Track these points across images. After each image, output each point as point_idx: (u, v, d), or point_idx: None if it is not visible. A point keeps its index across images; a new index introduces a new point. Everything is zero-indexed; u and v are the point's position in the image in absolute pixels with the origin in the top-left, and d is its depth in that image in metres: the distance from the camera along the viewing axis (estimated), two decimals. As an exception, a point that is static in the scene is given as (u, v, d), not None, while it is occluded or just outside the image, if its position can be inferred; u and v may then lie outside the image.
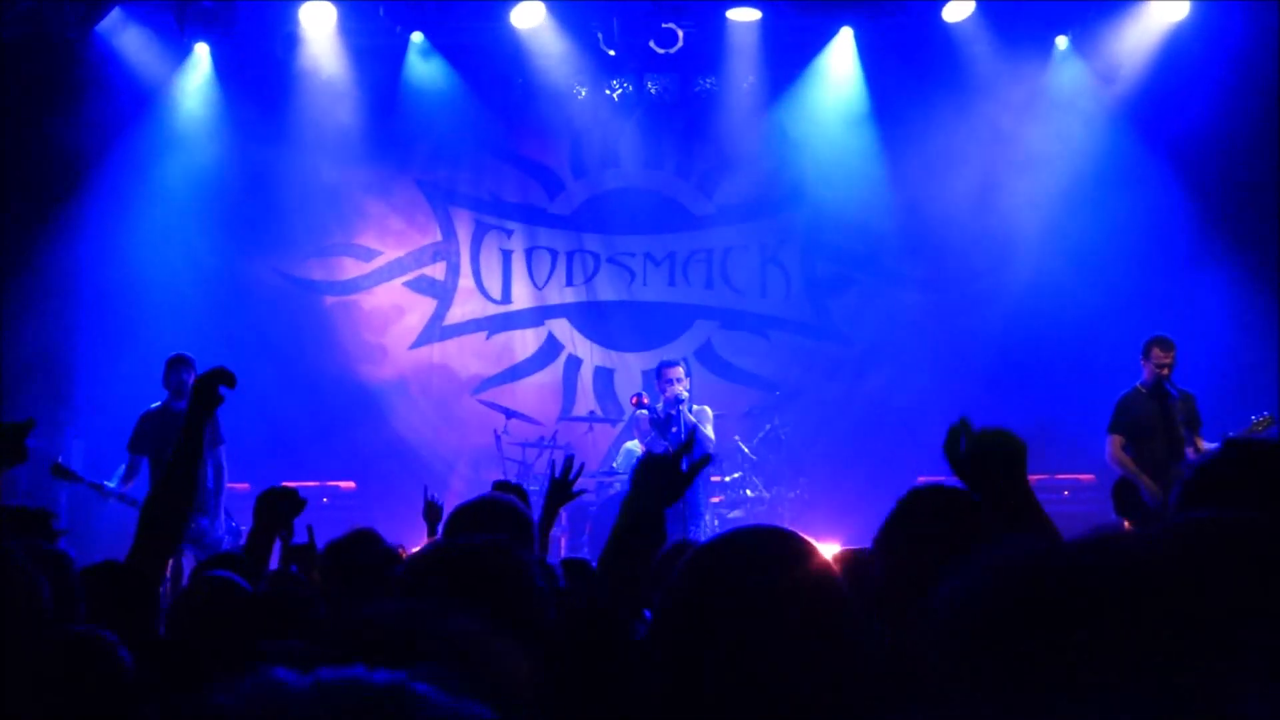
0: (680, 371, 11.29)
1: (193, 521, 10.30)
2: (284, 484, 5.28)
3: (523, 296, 14.70)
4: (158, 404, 10.73)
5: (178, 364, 10.65)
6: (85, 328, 13.24)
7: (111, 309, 13.27)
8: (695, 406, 11.42)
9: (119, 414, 11.29)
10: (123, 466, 10.48)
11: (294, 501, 5.15)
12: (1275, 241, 13.10)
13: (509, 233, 14.72)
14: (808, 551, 2.19)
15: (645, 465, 3.35)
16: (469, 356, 14.57)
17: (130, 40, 13.32)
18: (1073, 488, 12.78)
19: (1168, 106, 13.35)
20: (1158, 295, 13.09)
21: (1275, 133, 13.05)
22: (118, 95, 13.43)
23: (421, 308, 14.63)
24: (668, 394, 11.19)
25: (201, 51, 13.78)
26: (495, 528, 4.15)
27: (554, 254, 14.74)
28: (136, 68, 13.45)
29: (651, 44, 13.73)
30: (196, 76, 13.84)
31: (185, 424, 4.20)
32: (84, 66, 13.07)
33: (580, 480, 12.67)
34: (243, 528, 10.73)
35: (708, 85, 14.43)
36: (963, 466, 3.06)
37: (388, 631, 1.75)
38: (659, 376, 11.44)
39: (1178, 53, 13.19)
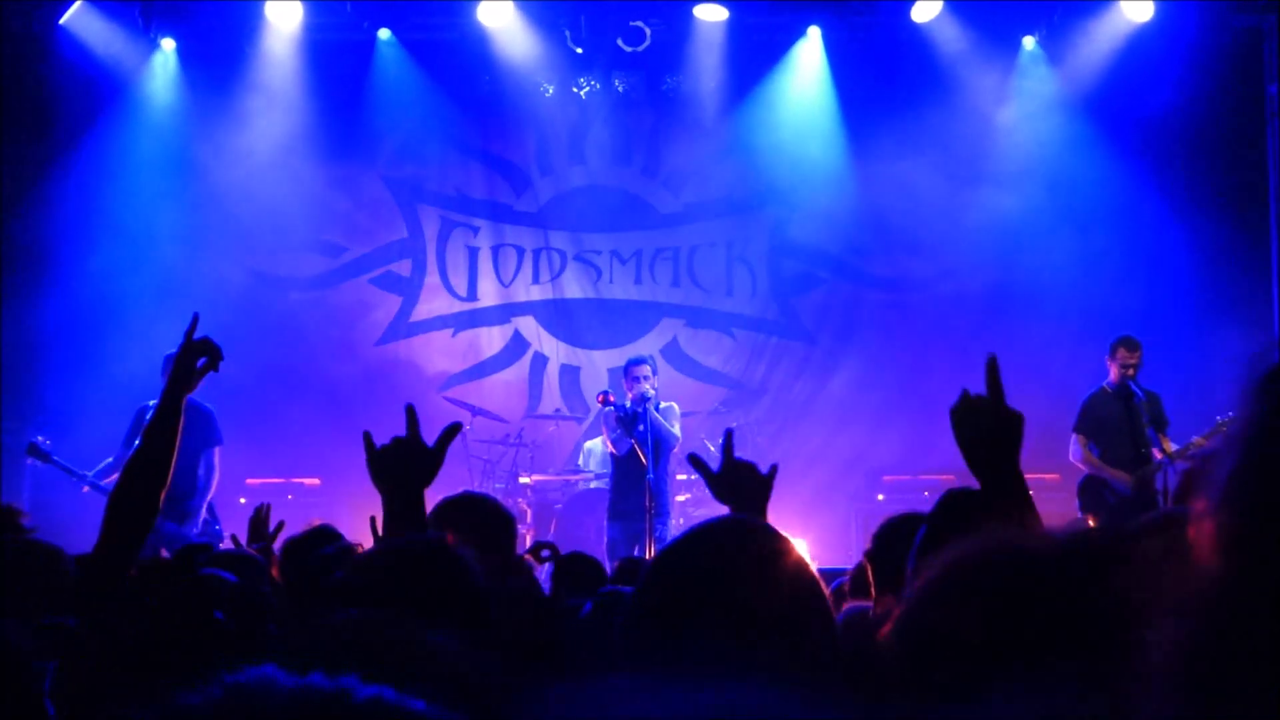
0: (648, 369, 11.27)
1: (162, 526, 10.21)
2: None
3: (489, 294, 14.67)
4: (155, 401, 10.63)
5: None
6: (53, 323, 13.11)
7: (78, 304, 13.16)
8: (663, 403, 11.40)
9: (87, 410, 11.24)
10: (109, 459, 10.39)
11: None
12: (1244, 241, 13.19)
13: (475, 230, 14.69)
14: (779, 541, 2.19)
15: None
16: (435, 353, 14.52)
17: (95, 34, 13.22)
18: (1037, 487, 12.76)
19: (1135, 106, 13.40)
20: (1124, 295, 13.15)
21: (1242, 131, 13.16)
22: (83, 89, 13.34)
23: (387, 304, 14.59)
24: (634, 391, 11.17)
25: (167, 46, 13.69)
26: (477, 524, 4.15)
27: (520, 251, 14.71)
28: (102, 62, 13.34)
29: (619, 42, 13.73)
30: (162, 71, 13.75)
31: (163, 399, 3.97)
32: (48, 60, 12.98)
33: (546, 479, 12.66)
34: (224, 530, 10.61)
35: (675, 84, 14.42)
36: (971, 438, 3.05)
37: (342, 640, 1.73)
38: (626, 374, 11.42)
39: (1143, 52, 13.23)
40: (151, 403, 10.60)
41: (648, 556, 10.33)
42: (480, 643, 2.53)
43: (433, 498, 4.65)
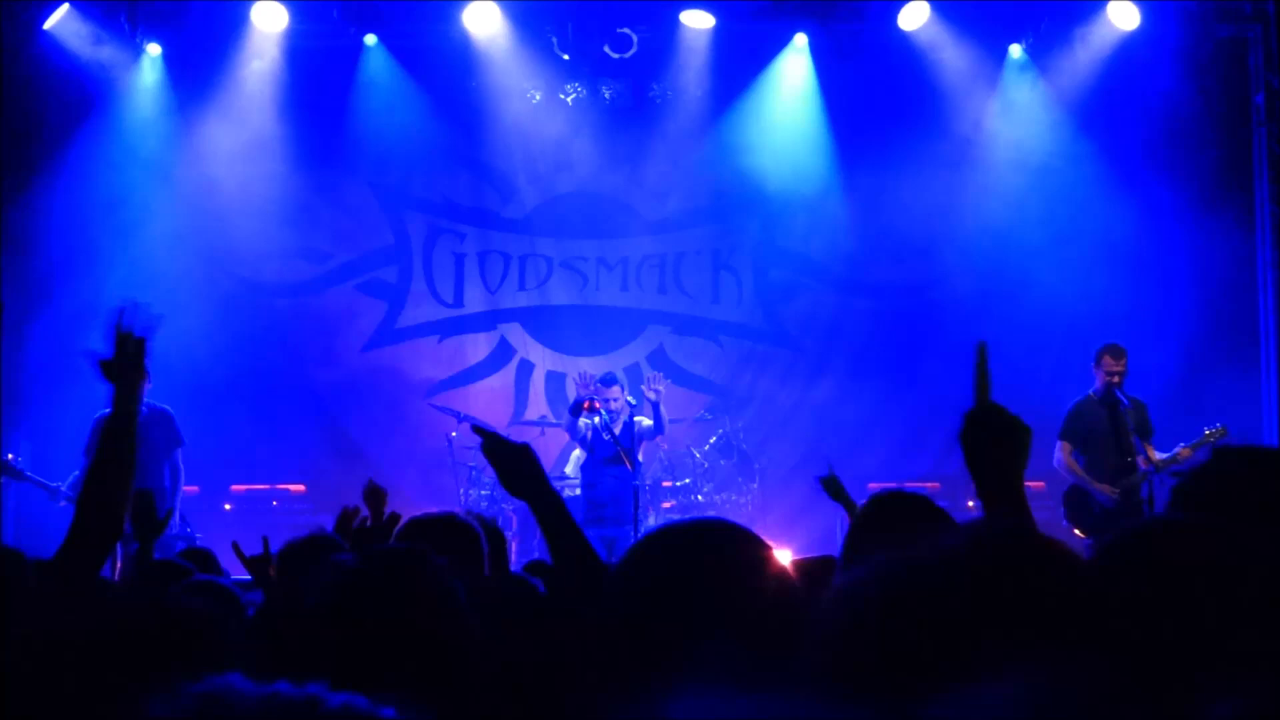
0: (617, 391, 11.52)
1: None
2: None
3: (475, 300, 14.65)
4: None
5: None
6: (38, 328, 13.05)
7: (64, 310, 13.09)
8: (636, 418, 11.57)
9: (72, 416, 11.19)
10: (76, 472, 10.37)
11: None
12: (1231, 249, 13.20)
13: (462, 236, 14.67)
14: (748, 539, 2.17)
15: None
16: (421, 360, 14.50)
17: (80, 39, 13.15)
18: (1023, 494, 12.85)
19: (1121, 114, 13.41)
20: (1110, 302, 13.15)
21: (1229, 139, 13.18)
22: (67, 95, 13.28)
23: (373, 311, 14.56)
24: (610, 409, 11.38)
25: (153, 51, 13.63)
26: (447, 542, 4.13)
27: (507, 258, 14.69)
28: (87, 67, 13.27)
29: (606, 49, 13.71)
30: (148, 77, 13.69)
31: (116, 398, 3.79)
32: (32, 65, 12.92)
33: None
34: (197, 534, 10.58)
35: (662, 90, 14.41)
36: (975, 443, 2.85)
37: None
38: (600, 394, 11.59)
39: (1130, 61, 13.23)
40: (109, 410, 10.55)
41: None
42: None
43: (419, 508, 4.64)
